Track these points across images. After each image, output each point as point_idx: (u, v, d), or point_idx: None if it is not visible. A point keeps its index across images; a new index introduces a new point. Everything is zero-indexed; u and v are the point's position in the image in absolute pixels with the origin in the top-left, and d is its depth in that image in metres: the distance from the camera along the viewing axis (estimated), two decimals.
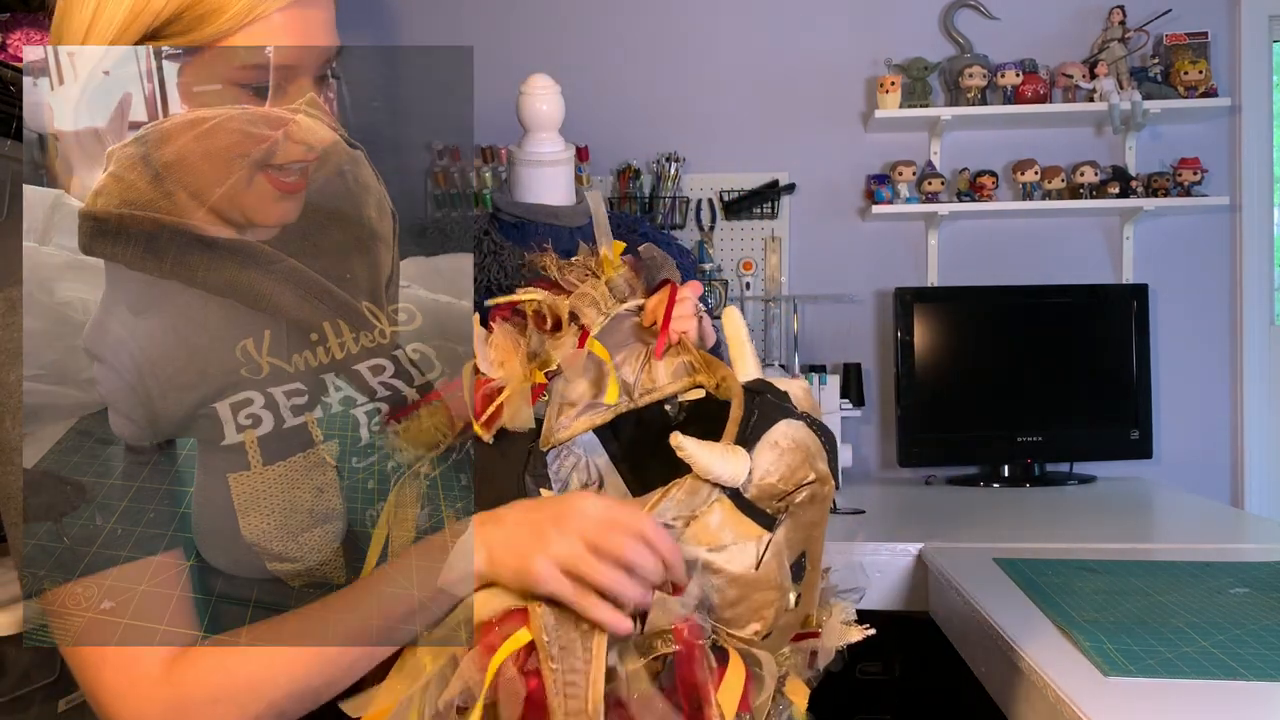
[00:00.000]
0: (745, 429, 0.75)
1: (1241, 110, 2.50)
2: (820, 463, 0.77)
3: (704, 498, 0.72)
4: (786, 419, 0.76)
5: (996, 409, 2.45)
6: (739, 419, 0.76)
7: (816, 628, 0.80)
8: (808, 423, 0.77)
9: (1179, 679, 0.99)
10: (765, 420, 0.75)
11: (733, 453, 0.72)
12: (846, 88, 2.63)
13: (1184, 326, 2.55)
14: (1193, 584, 1.34)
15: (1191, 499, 2.23)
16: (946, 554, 1.60)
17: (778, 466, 0.74)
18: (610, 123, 2.62)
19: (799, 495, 0.74)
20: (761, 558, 0.73)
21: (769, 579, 0.74)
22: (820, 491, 0.76)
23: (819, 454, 0.77)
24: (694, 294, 0.92)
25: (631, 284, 0.90)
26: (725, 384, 0.83)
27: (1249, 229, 2.51)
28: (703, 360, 0.87)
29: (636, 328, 0.90)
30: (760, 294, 2.63)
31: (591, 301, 0.86)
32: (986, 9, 2.57)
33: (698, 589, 0.72)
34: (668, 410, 0.91)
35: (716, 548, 0.72)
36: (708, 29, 2.65)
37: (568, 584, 0.72)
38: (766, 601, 0.74)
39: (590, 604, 0.71)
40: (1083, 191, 2.49)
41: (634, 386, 0.87)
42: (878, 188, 2.52)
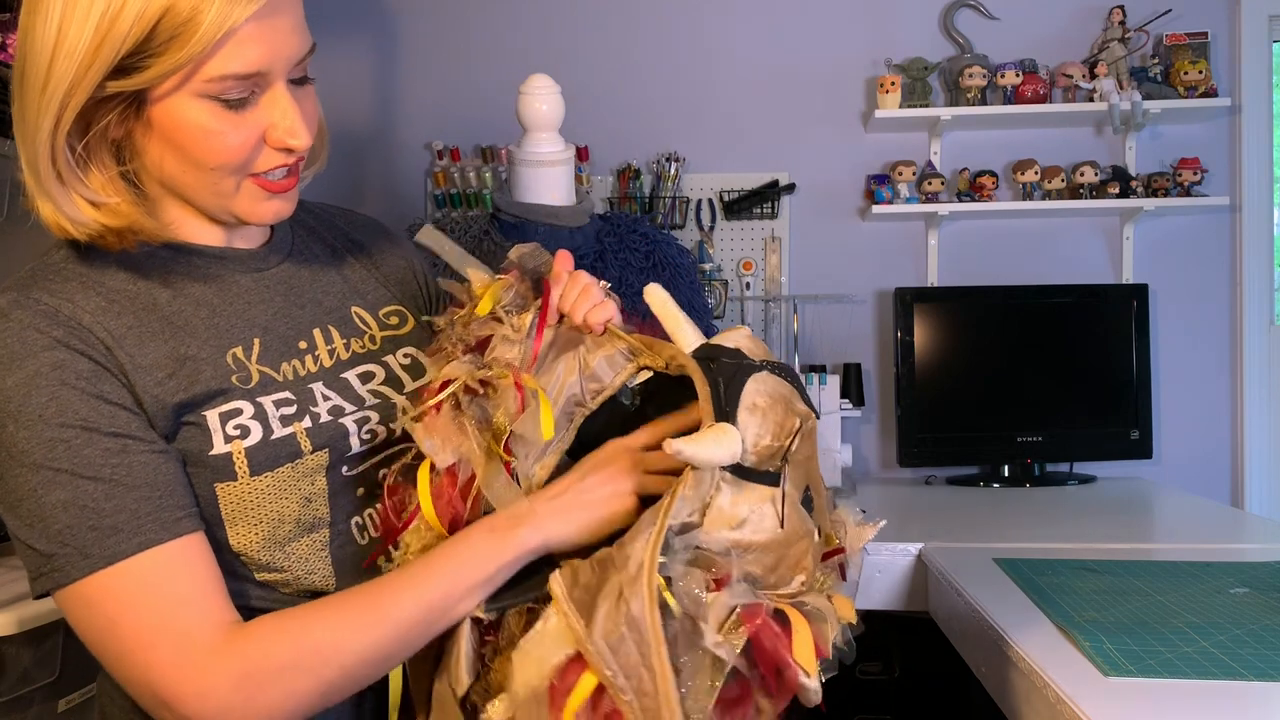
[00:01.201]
0: (718, 401, 0.74)
1: (1241, 110, 2.50)
2: (798, 403, 0.76)
3: (709, 484, 0.72)
4: (751, 377, 0.74)
5: (996, 409, 2.45)
6: (708, 395, 0.74)
7: (837, 542, 0.80)
8: (770, 370, 0.76)
9: (1179, 679, 0.99)
10: (734, 385, 0.74)
11: (722, 433, 0.71)
12: (846, 88, 2.63)
13: (1184, 326, 2.55)
14: (1193, 584, 1.34)
15: (1191, 499, 2.23)
16: (946, 554, 1.60)
17: (766, 426, 0.73)
18: (610, 123, 2.62)
19: (793, 443, 0.74)
20: (783, 516, 0.73)
21: (796, 531, 0.74)
22: (808, 427, 0.76)
23: (794, 395, 0.76)
24: (566, 270, 0.87)
25: (523, 293, 0.87)
26: (676, 360, 0.81)
27: (1249, 229, 2.51)
28: (642, 342, 0.85)
29: (561, 334, 0.87)
30: (760, 294, 2.63)
31: (503, 339, 0.83)
32: (986, 9, 2.57)
33: (739, 572, 0.72)
34: (622, 401, 0.89)
35: (737, 525, 0.72)
36: (708, 29, 2.65)
37: (651, 478, 0.79)
38: (802, 551, 0.74)
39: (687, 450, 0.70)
40: (1083, 191, 2.49)
41: (583, 393, 0.86)
42: (878, 188, 2.52)
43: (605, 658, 0.67)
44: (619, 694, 0.67)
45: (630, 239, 1.59)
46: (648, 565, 0.68)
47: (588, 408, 0.87)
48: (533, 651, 0.70)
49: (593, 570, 0.71)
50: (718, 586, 0.70)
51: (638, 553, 0.69)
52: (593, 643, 0.67)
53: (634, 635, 0.67)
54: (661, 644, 0.67)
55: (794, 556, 0.74)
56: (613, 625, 0.67)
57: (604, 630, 0.67)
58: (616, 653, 0.67)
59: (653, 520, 0.70)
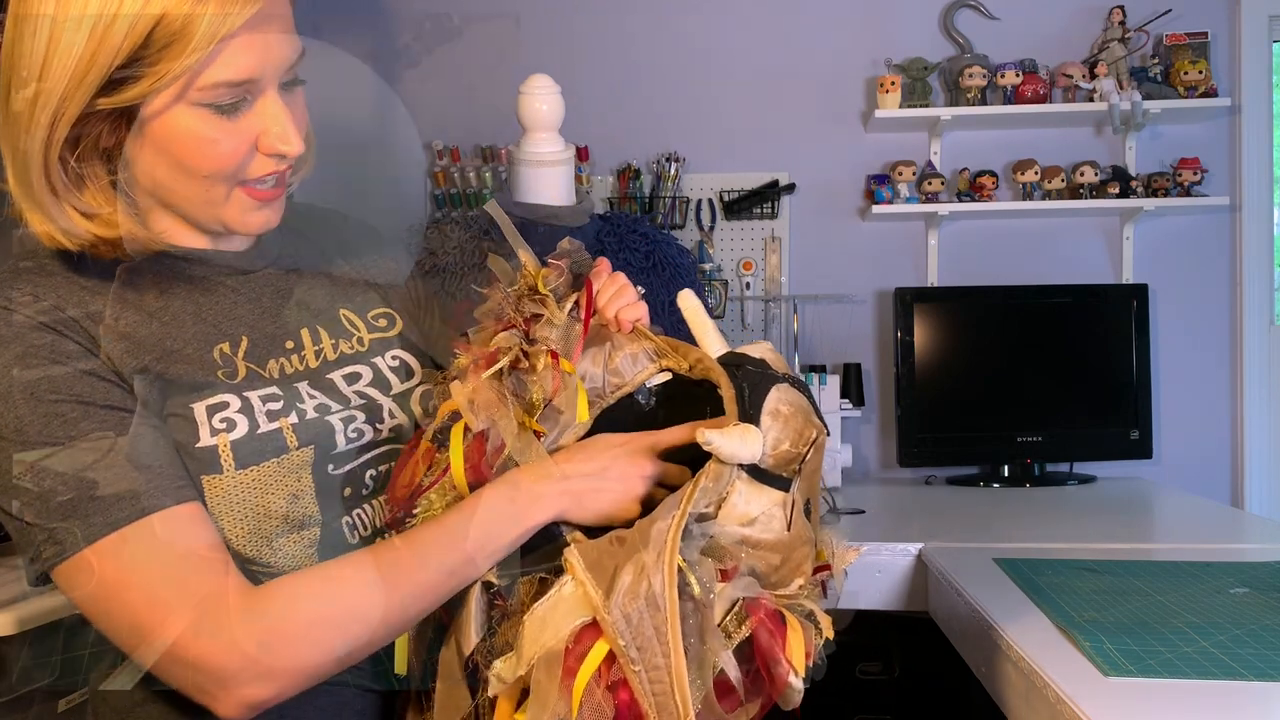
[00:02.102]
0: (743, 404, 0.76)
1: (1241, 110, 2.50)
2: (815, 416, 0.79)
3: (727, 479, 0.74)
4: (775, 385, 0.77)
5: (996, 409, 2.45)
6: (733, 398, 0.77)
7: (826, 559, 0.83)
8: (791, 383, 0.79)
9: (1179, 679, 0.99)
10: (757, 392, 0.76)
11: (747, 431, 0.74)
12: (846, 88, 2.63)
13: (1184, 326, 2.55)
14: (1193, 584, 1.34)
15: (1191, 499, 2.23)
16: (946, 554, 1.60)
17: (786, 433, 0.76)
18: (610, 123, 2.62)
19: (808, 453, 0.77)
20: (790, 520, 0.76)
21: (800, 537, 0.77)
22: (820, 441, 0.79)
23: (812, 409, 0.79)
24: (606, 270, 0.90)
25: (563, 286, 0.89)
26: (702, 364, 0.84)
27: (1249, 229, 2.51)
28: (668, 344, 0.88)
29: (590, 329, 0.89)
30: (760, 294, 2.63)
31: (547, 323, 0.86)
32: (986, 9, 2.57)
33: (745, 567, 0.74)
34: (638, 400, 0.91)
35: (748, 522, 0.75)
36: (708, 29, 2.65)
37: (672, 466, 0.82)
38: (803, 556, 0.78)
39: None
40: (1083, 191, 2.49)
41: (603, 386, 0.88)
42: (878, 188, 2.52)
43: (620, 629, 0.69)
44: (629, 665, 0.69)
45: (630, 239, 1.59)
46: (670, 545, 0.70)
47: (606, 400, 0.89)
48: (548, 616, 0.72)
49: (611, 544, 0.74)
50: (724, 578, 0.73)
51: (661, 532, 0.71)
52: (610, 613, 0.70)
53: (651, 610, 0.69)
54: (677, 621, 0.69)
55: (795, 560, 0.77)
56: (631, 599, 0.70)
57: (622, 602, 0.70)
58: (632, 625, 0.69)
59: (676, 504, 0.73)
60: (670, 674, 0.68)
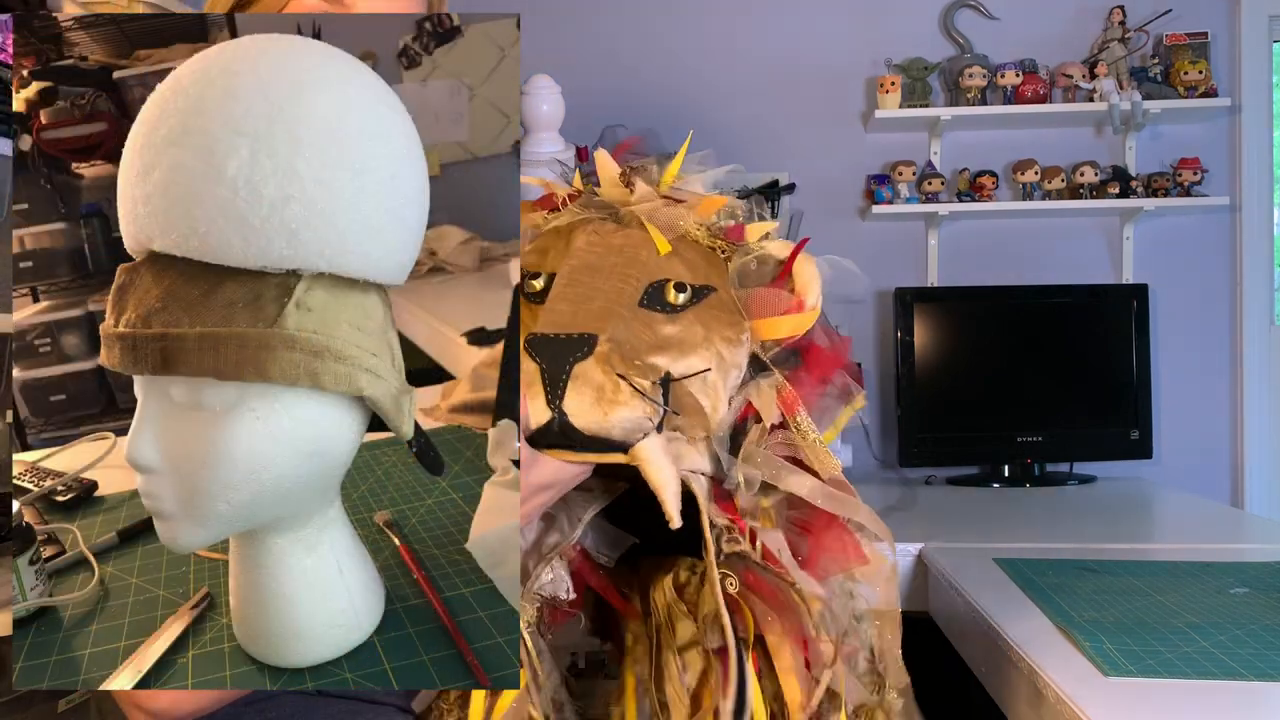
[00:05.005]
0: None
1: (1241, 110, 2.50)
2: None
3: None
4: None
5: (996, 409, 2.45)
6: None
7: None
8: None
9: (1179, 679, 0.99)
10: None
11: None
12: (846, 88, 2.63)
13: (1184, 326, 2.55)
14: (1193, 584, 1.34)
15: (1191, 499, 2.23)
16: (946, 554, 1.60)
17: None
18: (610, 123, 2.62)
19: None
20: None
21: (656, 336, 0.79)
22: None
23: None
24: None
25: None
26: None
27: (1249, 229, 2.51)
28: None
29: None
30: None
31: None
32: (986, 9, 2.57)
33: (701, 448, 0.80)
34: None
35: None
36: (708, 29, 2.65)
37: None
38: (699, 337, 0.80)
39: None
40: (1083, 191, 2.49)
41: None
42: (878, 188, 2.52)
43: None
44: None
45: None
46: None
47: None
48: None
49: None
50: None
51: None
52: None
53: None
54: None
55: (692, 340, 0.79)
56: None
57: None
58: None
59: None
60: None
